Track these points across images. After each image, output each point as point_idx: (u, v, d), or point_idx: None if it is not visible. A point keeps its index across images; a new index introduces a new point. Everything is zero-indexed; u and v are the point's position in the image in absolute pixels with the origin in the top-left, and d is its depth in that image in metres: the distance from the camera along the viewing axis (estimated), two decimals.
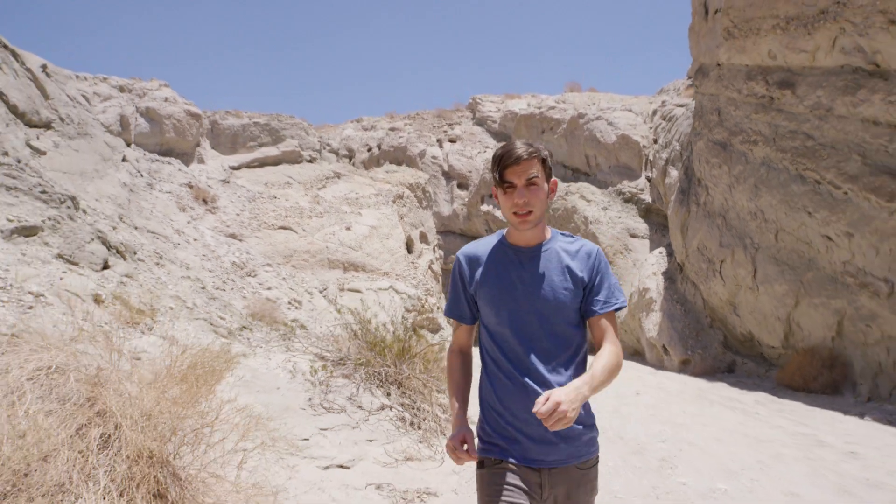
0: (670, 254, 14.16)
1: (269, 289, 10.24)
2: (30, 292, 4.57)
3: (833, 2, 7.83)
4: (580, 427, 1.68)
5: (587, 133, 18.98)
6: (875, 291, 6.97)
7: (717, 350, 10.65)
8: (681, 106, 17.62)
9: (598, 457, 1.75)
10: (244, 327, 7.54)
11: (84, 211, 7.22)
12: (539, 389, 1.63)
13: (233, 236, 12.12)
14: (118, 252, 6.64)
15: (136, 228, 9.85)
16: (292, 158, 16.61)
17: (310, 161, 17.14)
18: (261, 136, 26.85)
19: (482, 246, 1.82)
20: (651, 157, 17.47)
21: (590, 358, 1.73)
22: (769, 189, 9.27)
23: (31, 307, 4.36)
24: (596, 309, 1.70)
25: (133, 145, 13.37)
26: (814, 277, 8.18)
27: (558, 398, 1.43)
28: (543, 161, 1.71)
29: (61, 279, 5.02)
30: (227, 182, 14.57)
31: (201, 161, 14.90)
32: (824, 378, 7.46)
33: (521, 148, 1.68)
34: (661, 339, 11.77)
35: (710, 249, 11.12)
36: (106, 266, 6.15)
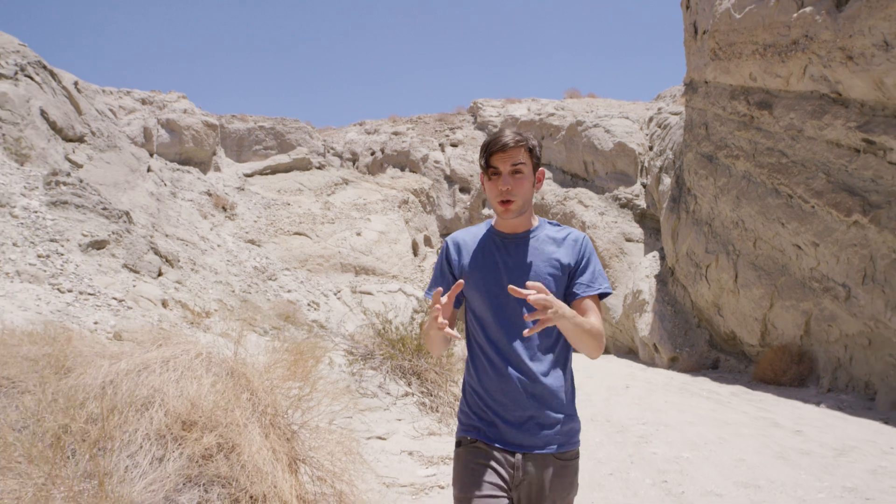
0: (663, 257, 15.17)
1: (289, 291, 11.24)
2: (114, 298, 5.57)
3: (802, 34, 8.83)
4: (560, 416, 1.70)
5: (585, 140, 19.99)
6: (835, 295, 7.99)
7: (703, 348, 11.67)
8: (675, 114, 18.62)
9: (578, 451, 1.76)
10: (274, 327, 8.53)
11: (134, 223, 8.22)
12: (519, 375, 1.69)
13: (252, 242, 13.11)
14: (167, 261, 7.64)
15: (166, 236, 10.84)
16: (302, 165, 17.58)
17: (319, 168, 18.11)
18: (266, 140, 27.87)
19: (471, 233, 1.87)
20: (646, 164, 18.48)
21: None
22: (749, 201, 10.29)
23: (118, 311, 5.36)
24: (578, 292, 1.74)
25: (155, 155, 14.35)
26: (786, 282, 9.19)
27: (549, 296, 1.49)
28: (530, 150, 1.74)
29: (134, 286, 6.02)
30: (243, 189, 15.55)
31: (217, 169, 15.88)
32: (792, 372, 8.48)
33: (508, 136, 1.71)
34: (653, 338, 12.78)
35: (698, 255, 12.13)
36: (160, 273, 7.15)
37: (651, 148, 18.84)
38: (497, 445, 1.68)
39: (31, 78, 11.08)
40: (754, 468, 4.48)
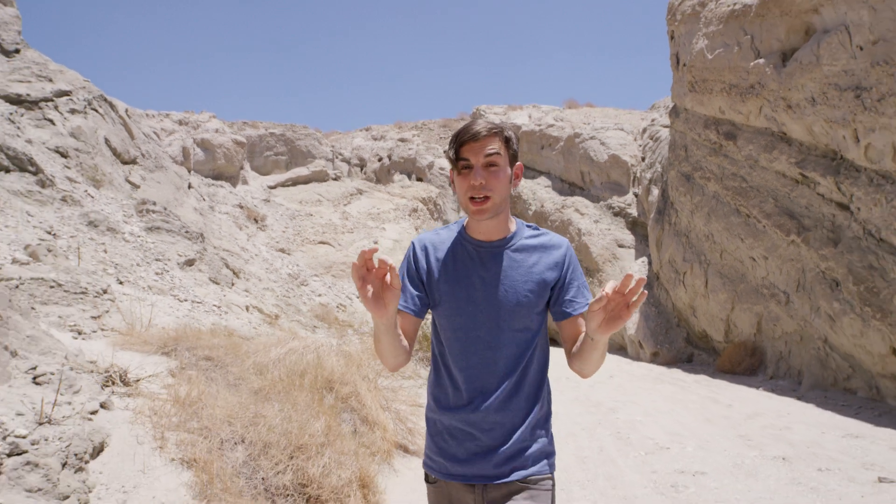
0: (650, 263, 17.20)
1: (319, 295, 13.28)
2: (214, 304, 7.61)
3: (757, 81, 10.84)
4: (529, 443, 1.62)
5: (582, 151, 22.00)
6: (778, 300, 10.03)
7: (681, 344, 13.72)
8: (666, 126, 20.61)
9: (551, 478, 1.63)
10: (315, 326, 10.58)
11: (206, 242, 10.25)
12: (486, 402, 1.59)
13: (282, 251, 15.14)
14: (234, 273, 9.69)
15: (214, 248, 12.88)
16: (320, 177, 19.58)
17: (335, 179, 20.11)
18: (277, 146, 29.91)
19: (440, 237, 1.72)
20: (638, 175, 20.49)
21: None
22: (717, 218, 12.31)
23: (220, 315, 7.40)
24: (571, 311, 1.64)
25: (192, 172, 16.37)
26: (744, 288, 11.23)
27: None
28: (507, 140, 1.60)
29: (224, 295, 8.07)
30: (269, 201, 17.59)
31: (245, 182, 17.91)
32: (746, 363, 10.52)
33: (480, 124, 1.57)
34: (638, 336, 14.82)
35: (677, 262, 14.17)
36: (232, 284, 9.19)
37: (643, 159, 20.84)
38: (457, 481, 1.61)
39: (96, 110, 13.07)
40: (685, 426, 6.53)
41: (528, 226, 1.75)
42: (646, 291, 1.38)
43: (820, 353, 8.76)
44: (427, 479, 1.71)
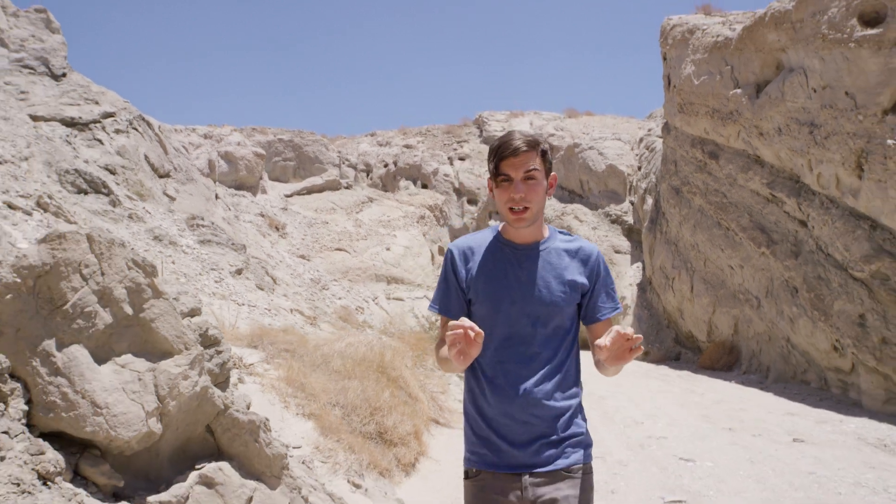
0: (644, 268, 18.79)
1: (339, 298, 14.84)
2: (265, 308, 9.17)
3: (735, 108, 12.41)
4: (567, 433, 1.73)
5: (581, 161, 23.58)
6: (752, 304, 11.60)
7: (670, 344, 15.30)
8: (661, 137, 22.22)
9: (591, 466, 1.77)
10: (340, 327, 12.14)
11: (247, 251, 11.81)
12: (523, 397, 1.70)
13: (302, 257, 16.70)
14: (273, 279, 11.25)
15: (254, 257, 14.42)
16: (333, 186, 21.13)
17: (347, 188, 21.67)
18: (285, 152, 31.49)
19: (476, 240, 1.85)
20: (634, 184, 22.07)
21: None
22: (701, 229, 13.89)
23: (272, 317, 8.96)
24: (601, 316, 1.79)
25: (217, 183, 17.92)
26: (723, 293, 12.82)
27: (619, 329, 1.51)
28: (543, 154, 1.73)
29: (272, 300, 9.63)
30: (286, 209, 19.16)
31: (263, 192, 19.48)
32: (724, 360, 12.10)
33: (519, 139, 1.69)
34: None
35: (667, 269, 15.74)
36: (273, 289, 10.75)
37: (639, 168, 22.43)
38: (502, 472, 1.71)
39: (136, 129, 14.60)
40: (661, 409, 8.10)
41: (561, 232, 1.87)
42: (641, 347, 1.52)
43: (783, 350, 10.34)
44: (467, 475, 1.79)
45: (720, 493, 4.35)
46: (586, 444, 1.78)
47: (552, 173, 1.79)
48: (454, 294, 1.83)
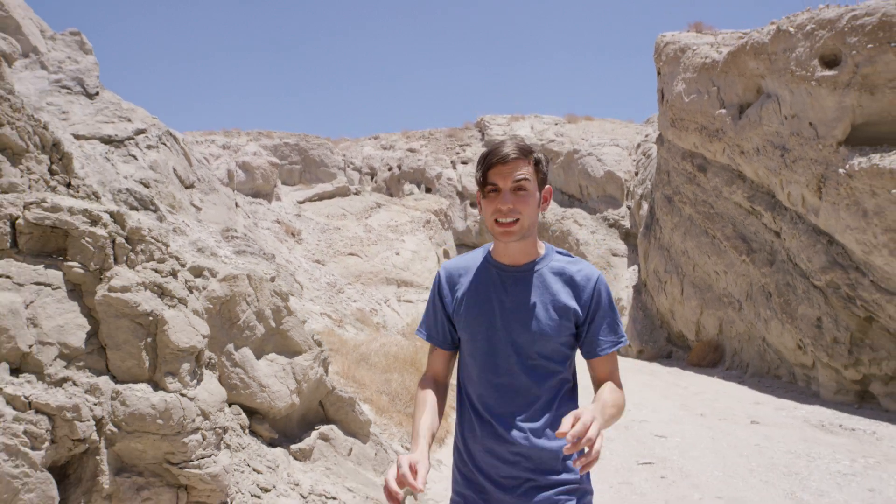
0: (639, 272, 20.20)
1: (355, 301, 16.24)
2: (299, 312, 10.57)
3: (720, 127, 13.80)
4: (562, 477, 1.61)
5: (580, 167, 24.97)
6: (734, 307, 13.02)
7: (662, 343, 16.73)
8: (656, 145, 23.65)
9: None
10: (359, 329, 13.53)
11: (275, 259, 13.19)
12: (512, 435, 1.60)
13: (318, 262, 18.08)
14: (300, 285, 12.64)
15: (279, 264, 15.79)
16: (343, 192, 22.49)
17: (356, 194, 23.03)
18: (291, 156, 32.84)
19: (466, 261, 1.78)
20: (631, 189, 23.47)
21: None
22: (691, 237, 15.29)
23: (305, 321, 10.36)
24: (599, 351, 1.66)
25: (235, 191, 19.27)
26: (710, 297, 14.23)
27: (590, 416, 1.32)
28: (536, 164, 1.62)
29: (303, 305, 11.02)
30: (300, 216, 20.53)
31: (278, 199, 20.85)
32: (710, 358, 13.52)
33: (509, 146, 1.58)
34: (627, 336, 17.85)
35: (660, 273, 17.15)
36: (301, 294, 12.14)
37: (636, 174, 23.83)
38: None
39: (165, 144, 15.94)
40: (646, 399, 9.51)
41: (560, 252, 1.73)
42: (593, 456, 1.30)
43: (760, 348, 11.76)
44: None
45: (682, 458, 5.76)
46: (583, 493, 1.65)
47: (546, 186, 1.67)
48: (440, 320, 1.78)
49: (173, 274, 2.93)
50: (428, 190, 30.13)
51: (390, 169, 33.02)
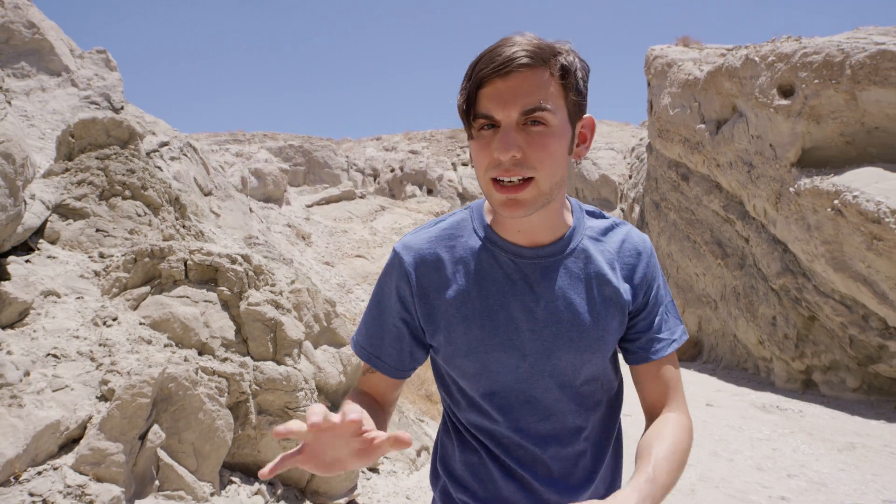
0: None
1: (363, 301, 17.81)
2: None
3: (699, 141, 15.36)
4: None
5: (577, 170, 26.50)
6: (711, 307, 14.61)
7: None
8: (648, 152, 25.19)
9: None
10: None
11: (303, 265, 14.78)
12: (547, 489, 1.12)
13: (327, 264, 19.66)
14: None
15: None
16: (348, 196, 24.05)
17: (361, 197, 24.60)
18: (295, 157, 34.42)
19: (444, 239, 1.11)
20: (625, 192, 25.02)
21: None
22: (675, 241, 16.85)
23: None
24: (655, 355, 1.13)
25: (248, 197, 20.82)
26: (691, 296, 15.82)
27: None
28: (564, 74, 0.96)
29: None
30: (309, 219, 22.12)
31: (287, 203, 22.43)
32: (690, 352, 15.11)
33: (517, 43, 0.93)
34: None
35: None
36: None
37: (630, 177, 25.39)
38: None
39: (186, 155, 17.48)
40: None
41: (589, 210, 1.17)
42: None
43: (731, 344, 13.35)
44: None
45: (634, 428, 7.37)
46: None
47: (585, 115, 1.03)
48: (391, 333, 1.13)
49: (280, 294, 4.48)
50: (429, 192, 31.69)
51: (393, 171, 34.60)
